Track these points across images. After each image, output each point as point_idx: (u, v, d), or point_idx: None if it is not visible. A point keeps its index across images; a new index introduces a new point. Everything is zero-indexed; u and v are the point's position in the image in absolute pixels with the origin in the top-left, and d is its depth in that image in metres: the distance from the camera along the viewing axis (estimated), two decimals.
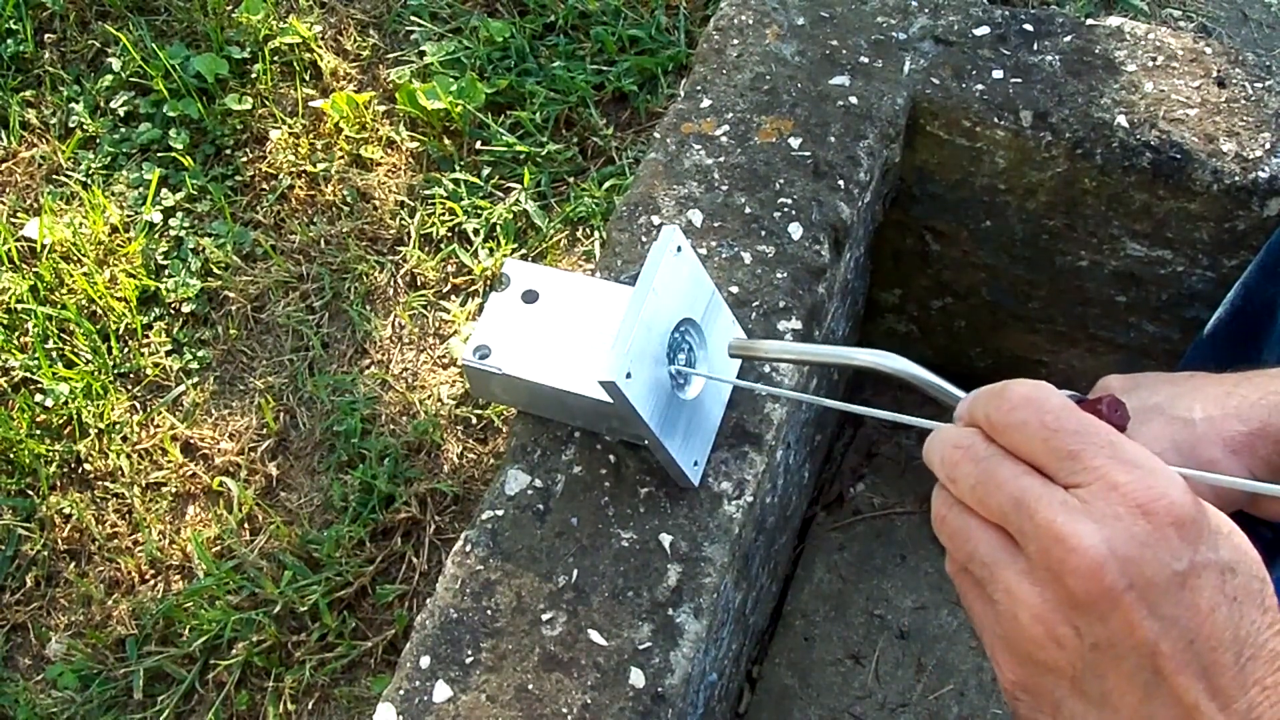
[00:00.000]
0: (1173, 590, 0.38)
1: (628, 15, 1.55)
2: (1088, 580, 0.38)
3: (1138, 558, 0.38)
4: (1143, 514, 0.39)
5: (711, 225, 0.84)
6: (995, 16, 0.98)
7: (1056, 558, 0.39)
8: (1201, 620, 0.38)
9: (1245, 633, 0.39)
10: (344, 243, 1.40)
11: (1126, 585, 0.38)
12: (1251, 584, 0.39)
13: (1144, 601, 0.38)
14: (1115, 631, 0.38)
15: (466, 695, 0.66)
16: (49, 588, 1.21)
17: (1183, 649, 0.38)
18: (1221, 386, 0.60)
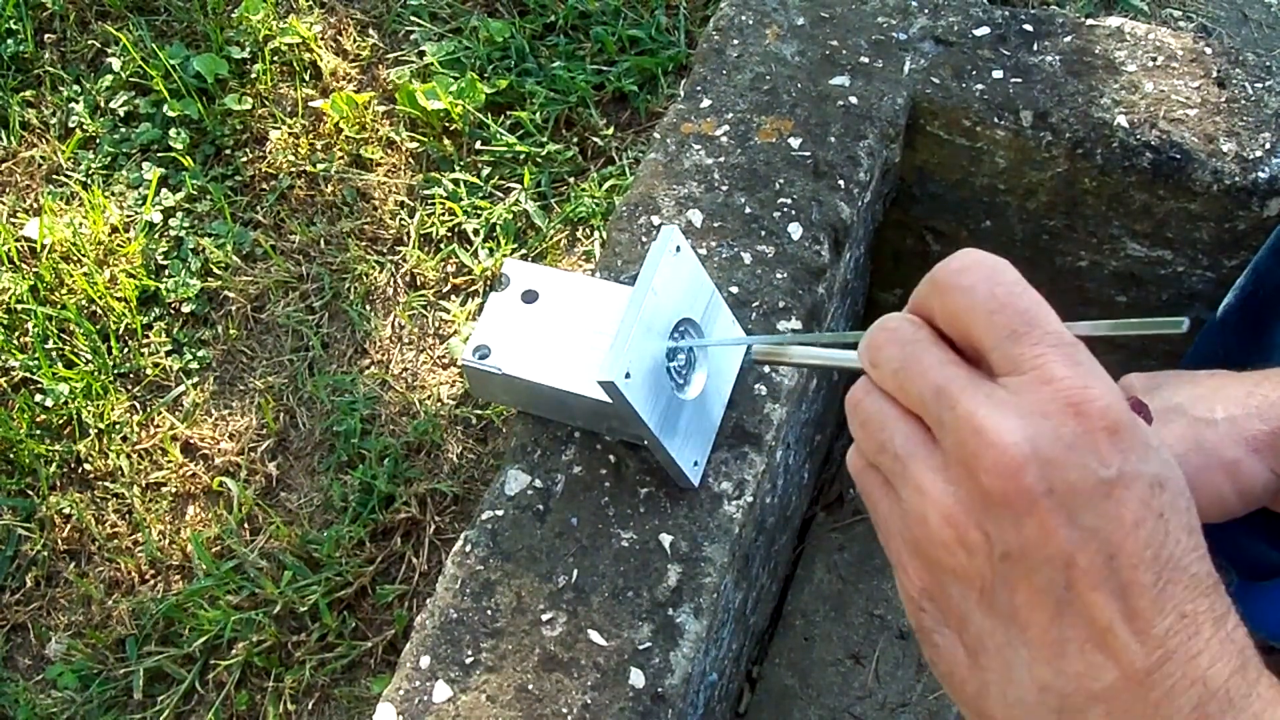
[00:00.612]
0: (1096, 499, 0.35)
1: (628, 15, 1.55)
2: (1004, 479, 0.35)
3: (1062, 460, 0.35)
4: (1074, 414, 0.35)
5: (711, 225, 0.84)
6: (995, 16, 0.98)
7: (973, 452, 0.36)
8: (1124, 535, 0.35)
9: (1169, 553, 0.35)
10: (344, 243, 1.40)
11: (1046, 489, 0.35)
12: (1179, 501, 0.36)
13: (1063, 508, 0.35)
14: (1029, 539, 0.35)
15: (466, 695, 0.66)
16: (49, 588, 1.21)
17: (1101, 564, 0.35)
18: (1243, 386, 0.59)
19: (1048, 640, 0.36)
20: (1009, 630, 0.37)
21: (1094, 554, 0.35)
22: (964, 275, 0.38)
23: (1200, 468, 0.57)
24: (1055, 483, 0.35)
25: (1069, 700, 0.36)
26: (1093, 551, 0.35)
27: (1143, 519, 0.35)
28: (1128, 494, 0.35)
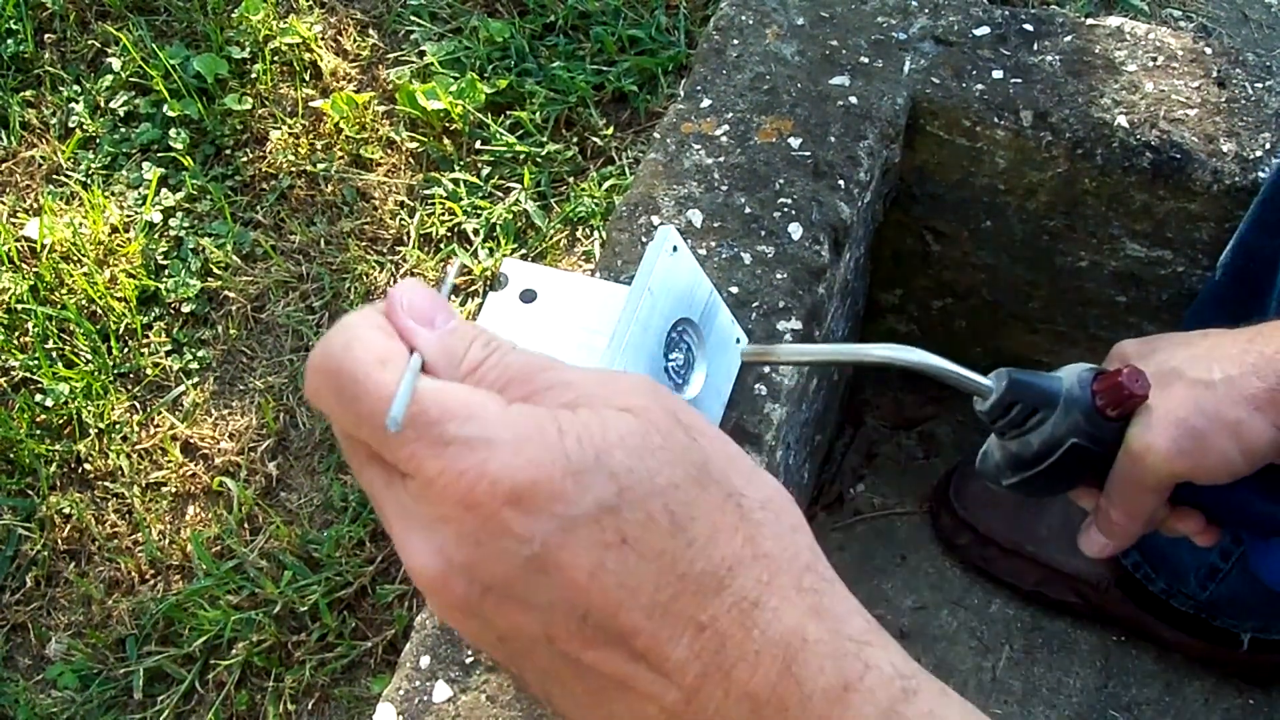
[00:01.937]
0: (534, 577, 0.32)
1: (628, 15, 1.55)
2: (444, 596, 0.33)
3: (478, 559, 0.32)
4: (466, 508, 0.31)
5: (711, 225, 0.84)
6: (995, 16, 0.98)
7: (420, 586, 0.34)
8: (585, 591, 0.32)
9: (649, 574, 0.32)
10: (344, 243, 1.40)
11: (481, 591, 0.32)
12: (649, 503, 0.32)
13: (510, 599, 0.32)
14: (506, 629, 0.33)
15: (466, 695, 0.66)
16: (49, 588, 1.21)
17: (577, 628, 0.32)
18: (1237, 344, 0.59)
19: (586, 691, 0.34)
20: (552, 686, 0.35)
21: (566, 623, 0.32)
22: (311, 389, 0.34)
23: (1204, 431, 0.56)
24: (486, 581, 0.32)
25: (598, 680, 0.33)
26: (562, 621, 0.32)
27: (599, 561, 0.32)
28: (564, 554, 0.32)
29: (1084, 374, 0.59)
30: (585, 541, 0.32)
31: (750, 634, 0.33)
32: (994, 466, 0.63)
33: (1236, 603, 0.95)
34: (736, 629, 0.32)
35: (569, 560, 0.32)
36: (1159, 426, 0.57)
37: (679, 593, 0.32)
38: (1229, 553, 0.91)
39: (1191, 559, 0.94)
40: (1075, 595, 1.03)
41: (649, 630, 0.32)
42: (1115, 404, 0.57)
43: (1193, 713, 1.01)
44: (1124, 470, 0.59)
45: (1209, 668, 1.02)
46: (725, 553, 0.33)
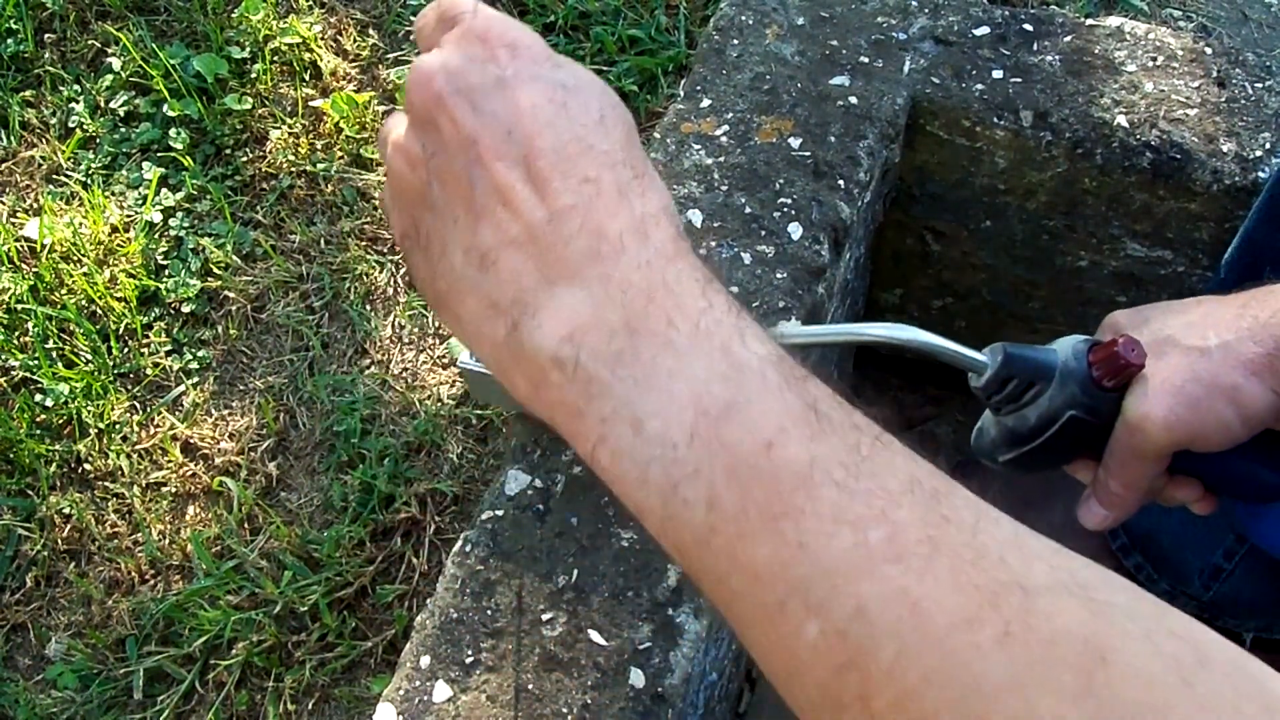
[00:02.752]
0: (494, 91, 0.42)
1: (628, 15, 1.55)
2: (419, 89, 0.43)
3: (465, 68, 0.42)
4: (479, 39, 0.43)
5: (711, 225, 0.84)
6: (995, 16, 0.98)
7: (406, 87, 0.43)
8: (519, 114, 0.41)
9: (572, 134, 0.41)
10: (344, 243, 1.40)
11: (453, 90, 0.42)
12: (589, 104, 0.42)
13: (467, 101, 0.42)
14: (445, 133, 0.42)
15: (466, 695, 0.66)
16: (49, 588, 1.21)
17: (501, 139, 0.41)
18: (1231, 309, 0.59)
19: (469, 211, 0.42)
20: (444, 216, 0.43)
21: (493, 131, 0.41)
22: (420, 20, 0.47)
23: (1200, 398, 0.56)
24: (459, 84, 0.42)
25: (487, 254, 0.41)
26: (492, 129, 0.41)
27: (540, 105, 0.42)
28: (525, 87, 0.42)
29: (1079, 345, 0.59)
30: (540, 90, 0.42)
31: (620, 200, 0.41)
32: (989, 443, 0.62)
33: (1240, 603, 0.95)
34: (612, 193, 0.41)
35: (523, 92, 0.42)
36: (1156, 395, 0.57)
37: (583, 153, 0.41)
38: (1233, 553, 0.91)
39: (1195, 560, 0.94)
40: None
41: (549, 160, 0.41)
42: (1112, 374, 0.57)
43: None
44: (1122, 440, 0.59)
45: None
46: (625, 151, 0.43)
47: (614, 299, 0.39)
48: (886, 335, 0.58)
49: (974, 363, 0.59)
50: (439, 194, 0.43)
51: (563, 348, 0.39)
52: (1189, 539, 0.94)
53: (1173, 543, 0.95)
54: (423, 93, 0.43)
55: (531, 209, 0.41)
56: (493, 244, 0.41)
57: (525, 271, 0.40)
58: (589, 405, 0.39)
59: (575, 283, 0.40)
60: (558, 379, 0.39)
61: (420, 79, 0.43)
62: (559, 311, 0.40)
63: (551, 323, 0.40)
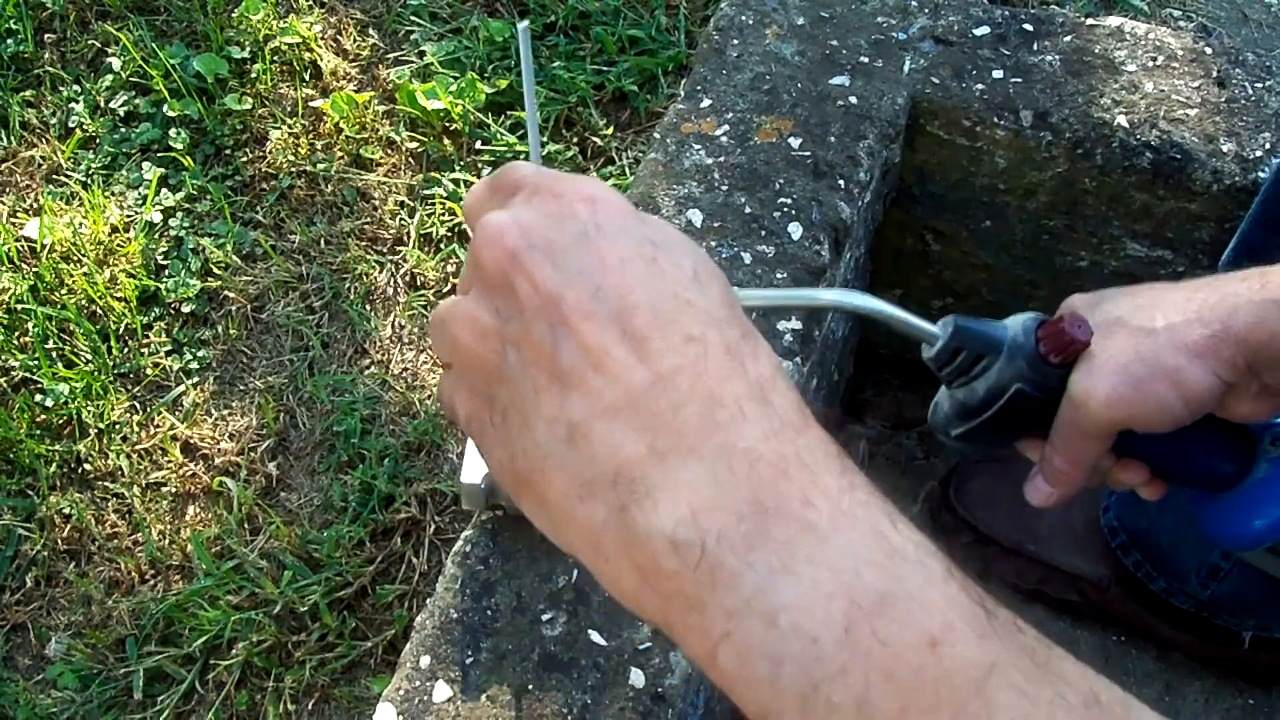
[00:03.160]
0: (578, 246, 0.38)
1: (628, 15, 1.55)
2: (491, 247, 0.38)
3: (541, 224, 0.38)
4: (552, 195, 0.40)
5: (711, 225, 0.84)
6: (995, 16, 0.98)
7: (474, 246, 0.39)
8: (609, 269, 0.37)
9: (667, 289, 0.38)
10: (344, 243, 1.40)
11: (529, 246, 0.38)
12: (681, 258, 0.39)
13: (546, 257, 0.37)
14: (523, 295, 0.37)
15: (466, 695, 0.66)
16: (49, 588, 1.21)
17: (588, 297, 0.37)
18: (1181, 293, 0.59)
19: (554, 379, 0.37)
20: (523, 386, 0.38)
21: (580, 289, 0.37)
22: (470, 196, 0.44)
23: (1143, 378, 0.57)
24: (536, 240, 0.38)
25: (578, 426, 0.36)
26: (578, 287, 0.37)
27: (629, 259, 0.38)
28: (609, 242, 0.38)
29: (1029, 322, 0.59)
30: (626, 245, 0.38)
31: (731, 361, 0.37)
32: (943, 417, 0.63)
33: (1238, 601, 0.95)
34: (721, 352, 0.37)
35: (608, 247, 0.38)
36: (1100, 373, 0.57)
37: (682, 310, 0.37)
38: (1230, 552, 0.91)
39: (1193, 559, 0.94)
40: (1076, 594, 1.03)
41: (646, 317, 0.37)
42: (1058, 350, 0.58)
43: (1193, 713, 1.01)
44: (1066, 417, 0.59)
45: (1209, 667, 1.02)
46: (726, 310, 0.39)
47: (739, 474, 0.35)
48: (840, 301, 0.58)
49: (926, 333, 0.59)
50: (516, 362, 0.38)
51: (681, 530, 0.34)
52: (1187, 538, 0.94)
53: (1171, 542, 0.95)
54: (494, 251, 0.38)
55: (630, 371, 0.36)
56: (585, 413, 0.36)
57: (626, 443, 0.35)
58: (712, 596, 0.33)
59: (691, 456, 0.35)
60: (674, 567, 0.34)
61: (490, 236, 0.38)
62: (675, 489, 0.35)
63: (668, 502, 0.34)
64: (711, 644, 0.34)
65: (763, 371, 0.38)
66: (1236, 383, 0.57)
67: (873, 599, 0.33)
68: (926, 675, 0.32)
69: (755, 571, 0.33)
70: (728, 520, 0.34)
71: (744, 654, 0.33)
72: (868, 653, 0.32)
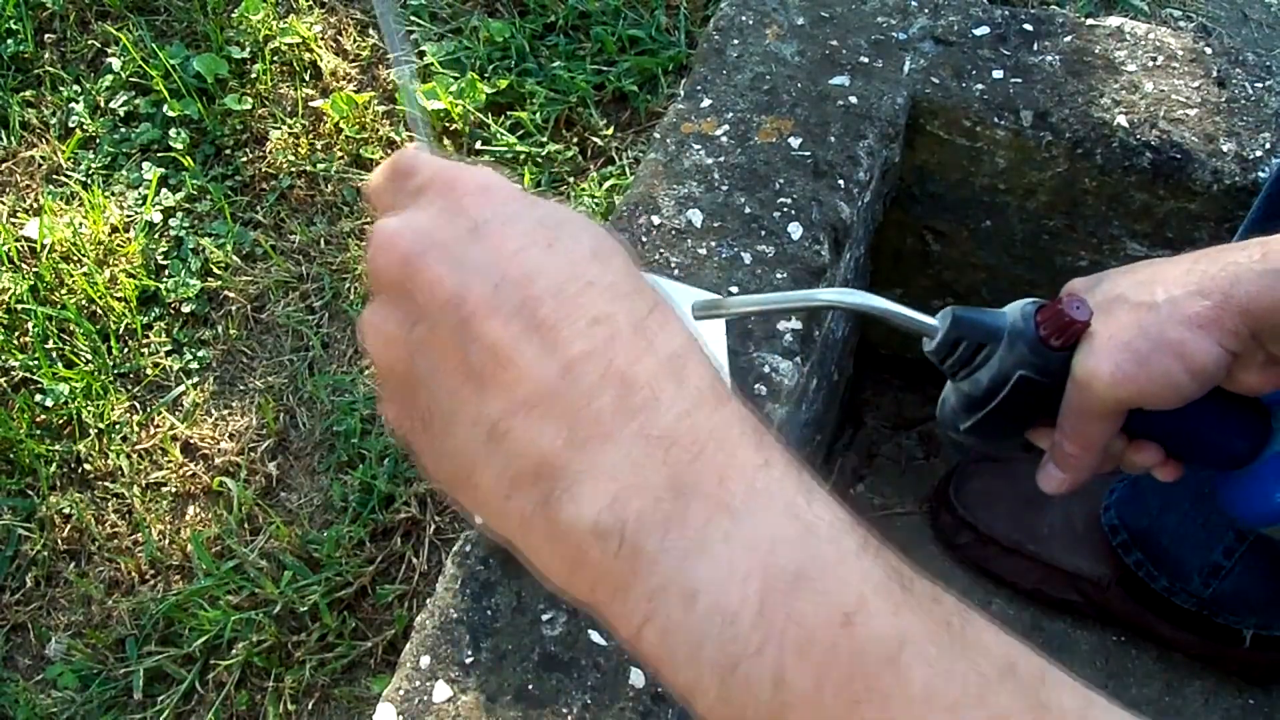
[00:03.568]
0: (472, 240, 0.37)
1: (628, 15, 1.55)
2: (386, 253, 0.37)
3: (433, 223, 0.38)
4: (445, 189, 0.39)
5: (711, 225, 0.84)
6: (995, 16, 0.98)
7: (369, 254, 0.38)
8: (506, 260, 0.36)
9: (569, 271, 0.37)
10: (344, 243, 1.40)
11: (422, 249, 0.37)
12: (578, 237, 0.38)
13: (444, 258, 0.37)
14: (422, 298, 0.37)
15: (466, 695, 0.66)
16: (49, 588, 1.21)
17: (490, 292, 0.36)
18: (1180, 266, 0.59)
19: (467, 379, 0.36)
20: (439, 390, 0.37)
21: (480, 284, 0.36)
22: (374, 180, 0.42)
23: (1147, 353, 0.56)
24: (429, 241, 0.37)
25: (497, 424, 0.36)
26: (477, 283, 0.36)
27: (526, 247, 0.37)
28: (505, 230, 0.37)
29: (1027, 307, 0.59)
30: (521, 231, 0.37)
31: (639, 337, 0.36)
32: (950, 412, 0.62)
33: (1239, 599, 0.95)
34: (629, 330, 0.36)
35: (503, 236, 0.37)
36: (1103, 351, 0.57)
37: (585, 291, 0.36)
38: (1232, 550, 0.91)
39: (1195, 557, 0.94)
40: (1076, 594, 1.03)
41: (550, 305, 0.36)
42: (1058, 332, 0.57)
43: (1193, 712, 1.01)
44: (1072, 399, 0.59)
45: (1209, 666, 1.02)
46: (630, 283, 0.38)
47: (655, 457, 0.35)
48: (836, 300, 0.57)
49: (925, 326, 0.59)
50: (427, 367, 0.37)
51: (602, 517, 0.34)
52: (1189, 536, 0.94)
53: (1172, 540, 0.95)
54: (388, 257, 0.37)
55: (541, 364, 0.35)
56: (502, 411, 0.36)
57: (545, 436, 0.35)
58: (635, 580, 0.34)
59: (608, 442, 0.35)
60: (598, 554, 0.34)
61: (382, 243, 0.38)
62: (595, 477, 0.35)
63: (589, 490, 0.35)
64: (636, 627, 0.34)
65: (674, 346, 0.37)
66: (1241, 353, 0.57)
67: (786, 577, 0.33)
68: (840, 651, 0.32)
69: (673, 554, 0.34)
70: (646, 504, 0.34)
71: (665, 635, 0.34)
72: (782, 631, 0.33)
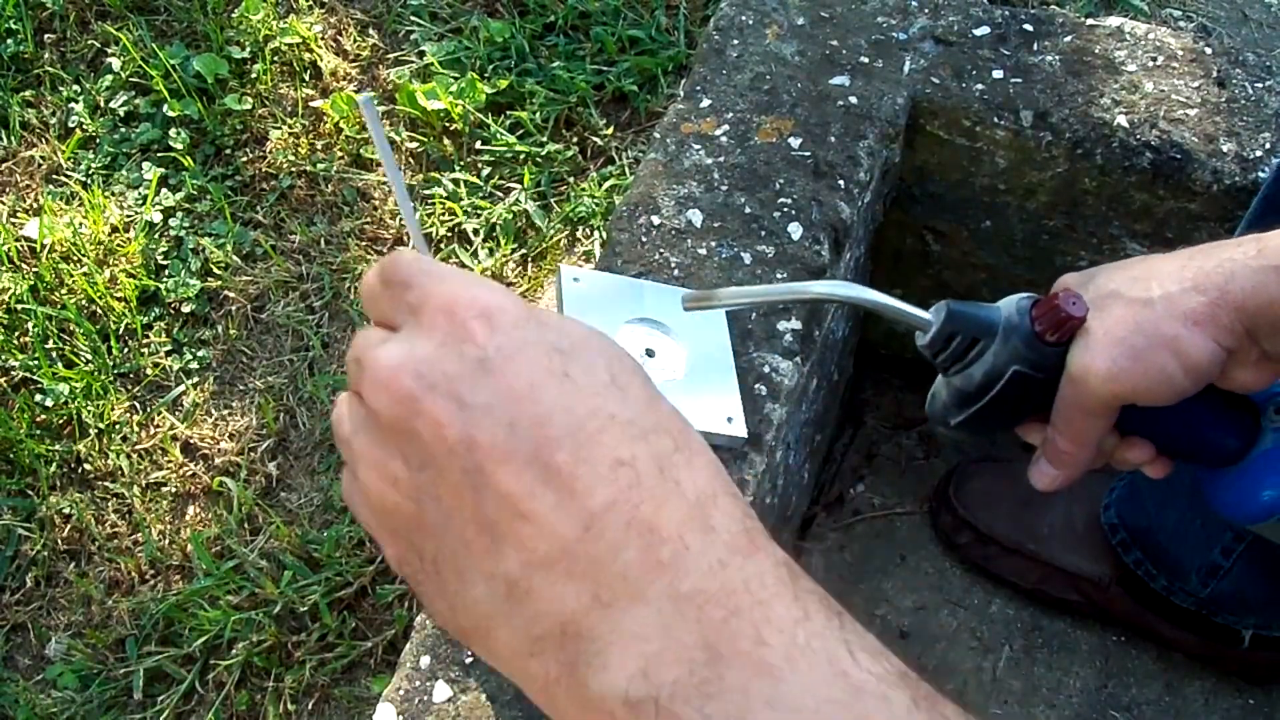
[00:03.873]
0: (479, 377, 0.34)
1: (628, 15, 1.55)
2: (387, 393, 0.35)
3: (436, 356, 0.35)
4: (444, 314, 0.35)
5: (711, 225, 0.84)
6: (995, 16, 0.98)
7: (367, 391, 0.36)
8: (518, 399, 0.34)
9: (586, 409, 0.34)
10: (344, 243, 1.40)
11: (427, 386, 0.34)
12: (594, 360, 0.35)
13: (450, 398, 0.34)
14: (429, 441, 0.34)
15: (466, 695, 0.66)
16: (49, 588, 1.21)
17: (503, 436, 0.33)
18: (1175, 262, 0.58)
19: (482, 532, 0.34)
20: (451, 540, 0.35)
21: (491, 427, 0.34)
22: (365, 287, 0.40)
23: (1142, 348, 0.56)
24: (434, 378, 0.34)
25: (517, 582, 0.34)
26: (488, 426, 0.34)
27: (541, 380, 0.34)
28: (514, 364, 0.34)
29: (1023, 301, 0.59)
30: (532, 362, 0.35)
31: (663, 481, 0.34)
32: (941, 406, 0.62)
33: (1238, 599, 0.95)
34: (653, 473, 0.34)
35: (514, 371, 0.34)
36: (1098, 346, 0.57)
37: (605, 429, 0.34)
38: (1231, 550, 0.91)
39: (1194, 556, 0.94)
40: (1076, 593, 1.03)
41: (570, 449, 0.34)
42: (1053, 328, 0.57)
43: (1193, 712, 1.01)
44: (1067, 395, 0.59)
45: (1209, 666, 1.02)
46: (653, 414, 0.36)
47: (688, 618, 0.32)
48: (830, 293, 0.57)
49: (918, 320, 0.59)
50: (437, 513, 0.35)
51: (634, 687, 0.32)
52: (1187, 536, 0.94)
53: (1171, 540, 0.95)
54: (390, 395, 0.35)
55: (560, 517, 0.33)
56: (521, 567, 0.34)
57: (569, 596, 0.33)
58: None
59: (637, 603, 0.33)
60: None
61: (382, 380, 0.35)
62: (624, 642, 0.33)
63: (618, 657, 0.33)
64: None
65: (700, 486, 0.35)
66: (1236, 350, 0.56)
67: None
68: None
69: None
70: (680, 671, 0.32)
71: None
72: None
